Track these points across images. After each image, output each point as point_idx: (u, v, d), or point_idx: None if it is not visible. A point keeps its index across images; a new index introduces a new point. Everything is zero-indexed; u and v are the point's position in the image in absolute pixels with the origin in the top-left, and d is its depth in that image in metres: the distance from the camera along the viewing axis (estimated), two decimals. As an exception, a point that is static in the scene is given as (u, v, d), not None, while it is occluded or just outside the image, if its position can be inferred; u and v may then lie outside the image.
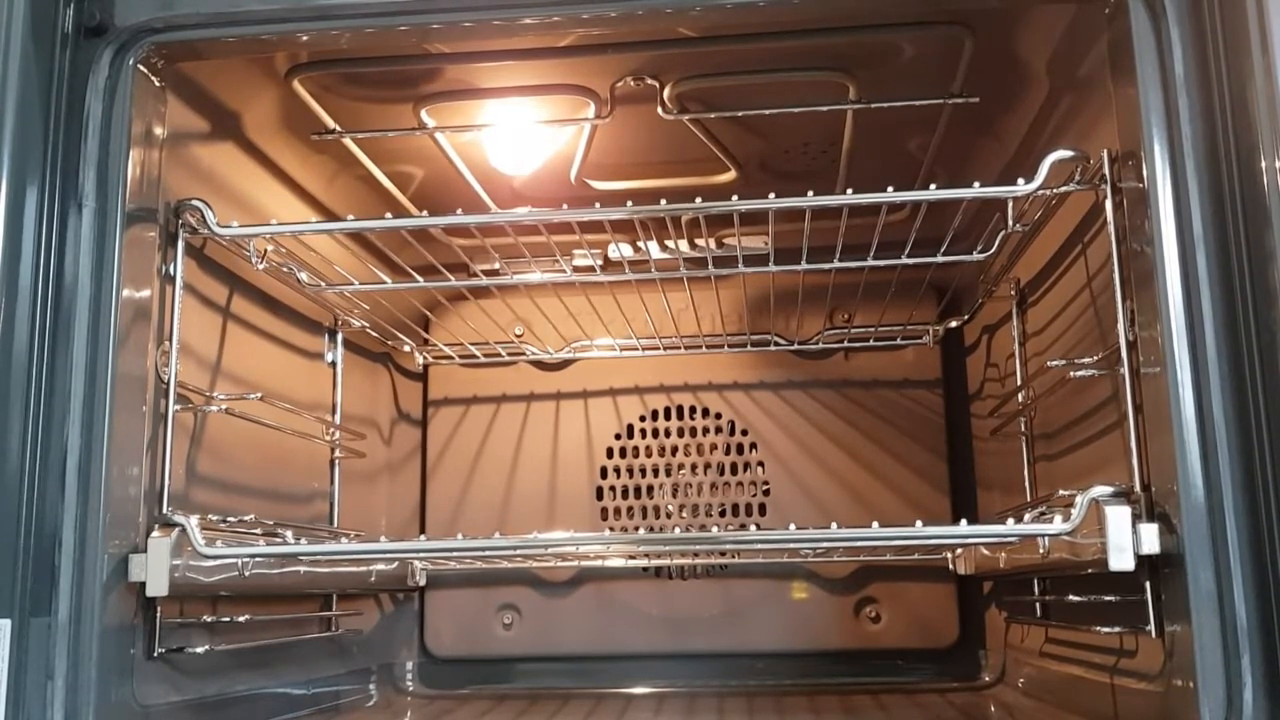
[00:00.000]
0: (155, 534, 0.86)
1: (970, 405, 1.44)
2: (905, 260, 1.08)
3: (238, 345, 1.08)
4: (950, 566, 1.35)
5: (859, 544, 1.00)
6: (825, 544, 0.98)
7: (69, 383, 0.82)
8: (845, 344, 1.46)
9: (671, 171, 1.30)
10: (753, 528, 1.41)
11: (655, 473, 1.47)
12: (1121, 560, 0.78)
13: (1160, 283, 0.77)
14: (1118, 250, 0.86)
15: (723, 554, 1.40)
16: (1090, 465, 0.99)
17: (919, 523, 0.89)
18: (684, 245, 1.35)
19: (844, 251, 1.08)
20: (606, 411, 1.49)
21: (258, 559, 0.96)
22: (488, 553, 1.26)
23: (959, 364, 1.46)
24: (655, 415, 1.48)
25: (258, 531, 1.03)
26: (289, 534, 1.01)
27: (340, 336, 1.32)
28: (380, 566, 1.30)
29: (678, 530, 1.33)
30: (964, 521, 0.92)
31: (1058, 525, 0.83)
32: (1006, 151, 1.18)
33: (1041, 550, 0.96)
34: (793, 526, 0.90)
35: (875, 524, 0.89)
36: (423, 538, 1.42)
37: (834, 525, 0.88)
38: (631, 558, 1.39)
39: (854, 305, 1.42)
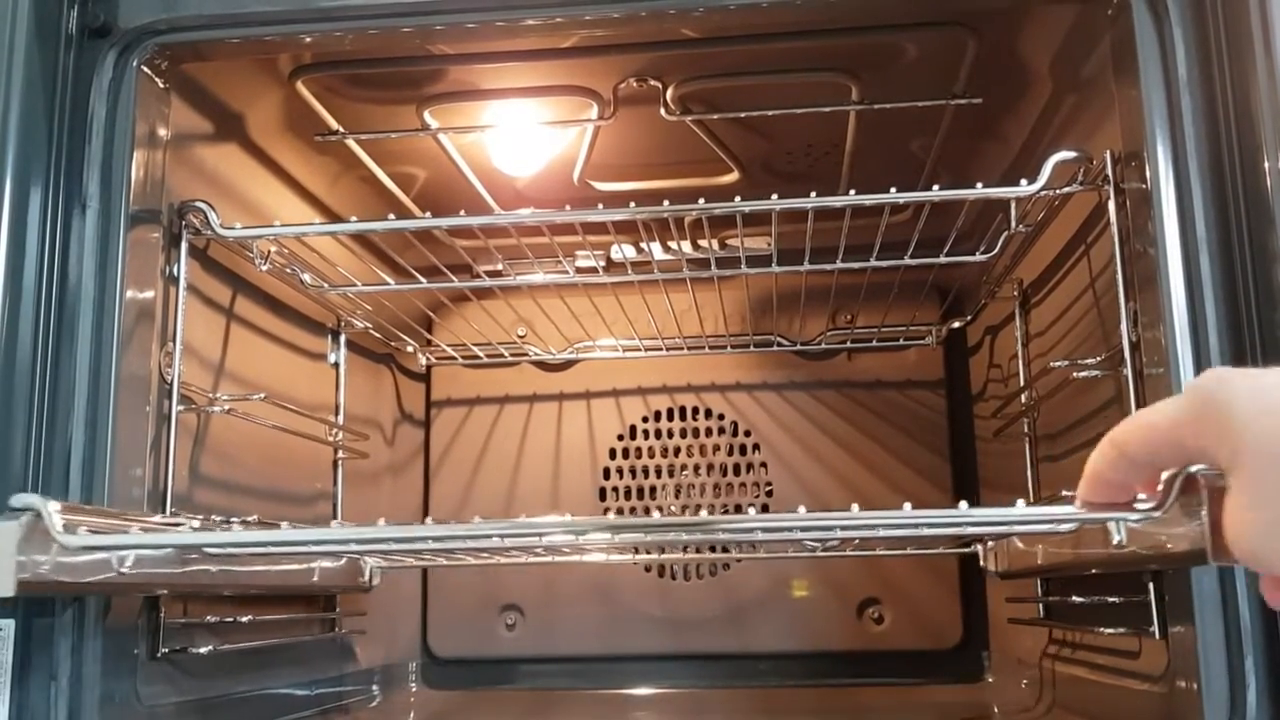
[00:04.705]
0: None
1: (973, 406, 1.44)
2: (908, 261, 1.08)
3: (241, 346, 1.08)
4: (981, 562, 1.23)
5: (888, 532, 0.84)
6: (848, 530, 0.81)
7: (73, 384, 0.82)
8: (848, 345, 1.46)
9: (674, 173, 1.30)
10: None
11: (658, 473, 1.47)
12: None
13: (1163, 284, 0.77)
14: (1121, 251, 0.86)
15: (725, 549, 1.39)
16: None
17: (964, 504, 0.73)
18: (687, 246, 1.35)
19: (847, 252, 1.08)
20: (609, 412, 1.49)
21: (143, 551, 0.77)
22: (446, 544, 0.95)
23: (962, 365, 1.46)
24: (658, 416, 1.48)
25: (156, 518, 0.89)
26: (194, 523, 0.88)
27: (343, 337, 1.32)
28: (326, 564, 1.12)
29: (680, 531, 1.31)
30: (1021, 503, 0.73)
31: (1144, 507, 0.63)
32: (1009, 152, 1.18)
33: (1116, 539, 0.71)
34: (802, 509, 0.74)
35: (908, 505, 0.73)
36: (352, 525, 1.19)
37: (855, 507, 0.71)
38: (619, 550, 1.35)
39: (857, 306, 1.42)
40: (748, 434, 1.46)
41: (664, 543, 1.14)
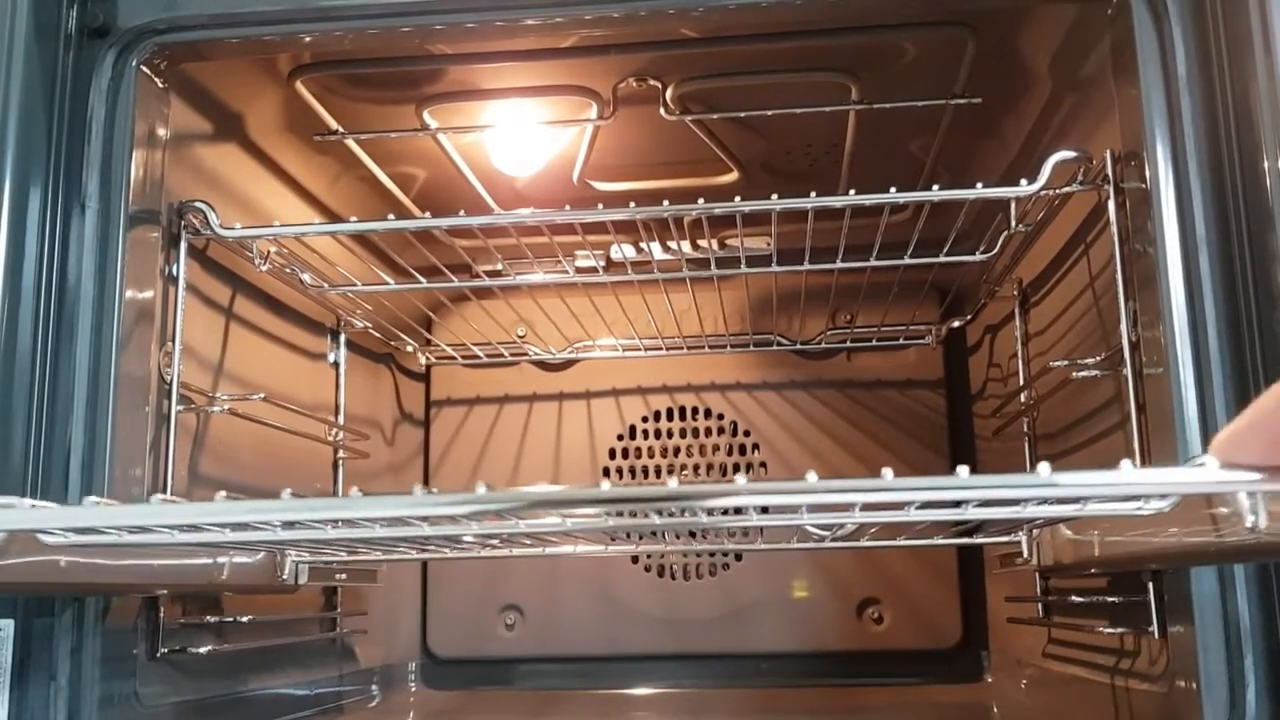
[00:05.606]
0: None
1: (973, 405, 1.44)
2: (908, 261, 1.08)
3: (240, 346, 1.08)
4: (1024, 554, 1.07)
5: (923, 514, 0.66)
6: (872, 509, 0.65)
7: (72, 384, 0.82)
8: (848, 344, 1.46)
9: (674, 173, 1.30)
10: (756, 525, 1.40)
11: (658, 473, 1.47)
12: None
13: (1163, 283, 0.77)
14: (1120, 251, 0.86)
15: (719, 536, 1.38)
16: (1092, 466, 0.99)
17: (1042, 468, 0.53)
18: (686, 246, 1.35)
19: (847, 252, 1.08)
20: (609, 412, 1.49)
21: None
22: (358, 530, 0.69)
23: (961, 364, 1.46)
24: (658, 416, 1.48)
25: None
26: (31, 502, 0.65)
27: (343, 337, 1.32)
28: (242, 560, 0.94)
29: (666, 522, 1.28)
30: (1126, 463, 0.52)
31: None
32: (1009, 152, 1.18)
33: (1250, 521, 0.55)
34: (811, 476, 0.55)
35: (963, 470, 0.54)
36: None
37: (887, 473, 0.53)
38: (588, 541, 1.24)
39: (856, 305, 1.42)
40: (747, 434, 1.46)
41: (630, 527, 0.78)
